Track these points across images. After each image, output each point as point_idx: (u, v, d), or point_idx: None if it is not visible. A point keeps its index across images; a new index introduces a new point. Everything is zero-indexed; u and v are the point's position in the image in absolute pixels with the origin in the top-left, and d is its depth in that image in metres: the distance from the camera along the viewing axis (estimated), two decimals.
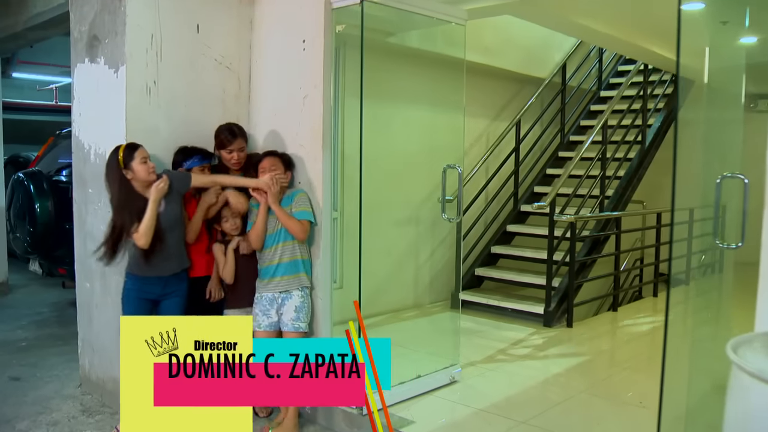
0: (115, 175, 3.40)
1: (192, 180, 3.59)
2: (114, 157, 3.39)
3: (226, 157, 3.80)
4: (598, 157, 6.79)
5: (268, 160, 3.72)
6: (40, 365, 4.91)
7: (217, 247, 3.78)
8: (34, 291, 7.57)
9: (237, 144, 3.79)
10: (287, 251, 3.71)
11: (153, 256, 3.42)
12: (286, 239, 3.69)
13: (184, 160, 3.73)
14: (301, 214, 3.69)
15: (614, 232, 6.69)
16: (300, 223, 3.67)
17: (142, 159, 3.40)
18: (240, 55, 4.16)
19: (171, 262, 3.53)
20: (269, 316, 3.72)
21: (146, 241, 3.34)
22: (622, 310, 6.72)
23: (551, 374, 4.64)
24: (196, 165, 3.74)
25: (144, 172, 3.38)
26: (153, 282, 3.51)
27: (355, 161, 3.99)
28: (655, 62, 7.24)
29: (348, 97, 4.83)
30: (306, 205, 3.73)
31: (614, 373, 4.68)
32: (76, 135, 4.21)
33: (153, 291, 3.52)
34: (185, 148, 3.78)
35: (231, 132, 3.80)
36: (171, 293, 3.57)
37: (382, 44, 5.50)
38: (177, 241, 3.55)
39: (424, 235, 6.56)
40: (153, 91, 3.77)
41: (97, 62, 3.91)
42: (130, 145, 3.43)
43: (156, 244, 3.39)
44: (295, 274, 3.73)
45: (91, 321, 4.19)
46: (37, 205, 5.81)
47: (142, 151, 3.42)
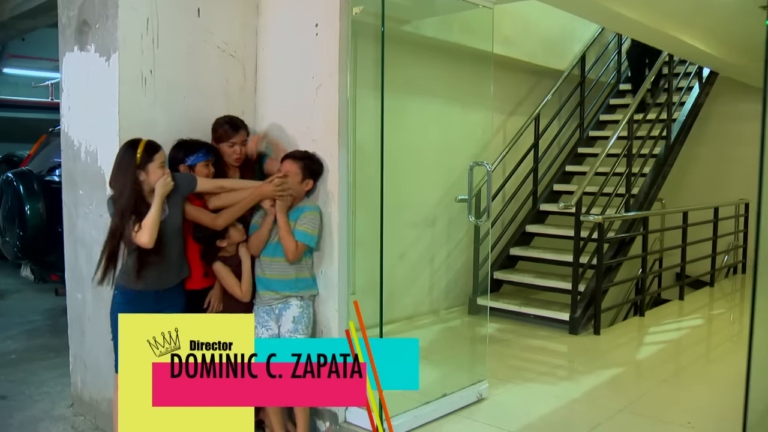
0: (126, 174, 2.97)
1: (198, 184, 3.20)
2: (130, 154, 2.97)
3: (227, 151, 3.43)
4: (624, 153, 6.40)
5: (289, 164, 3.36)
6: (29, 381, 4.54)
7: (220, 266, 3.38)
8: (27, 297, 7.19)
9: (240, 136, 3.43)
10: (285, 267, 3.35)
11: (149, 268, 3.03)
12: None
13: (187, 155, 3.32)
14: (300, 234, 3.32)
15: (641, 232, 6.31)
16: (295, 244, 3.29)
17: (161, 164, 3.01)
18: (245, 41, 3.78)
19: (169, 275, 3.15)
20: (269, 327, 3.38)
21: (150, 239, 2.92)
22: (649, 315, 6.33)
23: (585, 389, 4.25)
24: (201, 160, 3.33)
25: (157, 179, 2.99)
26: (146, 296, 3.11)
27: (368, 158, 3.67)
28: (684, 53, 6.83)
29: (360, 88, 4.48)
30: (309, 226, 3.35)
31: (652, 387, 4.29)
32: (65, 131, 3.83)
33: (146, 306, 3.11)
34: (185, 142, 3.38)
35: (233, 124, 3.44)
36: (167, 308, 3.16)
37: (396, 33, 5.12)
38: (178, 252, 3.17)
39: (440, 237, 6.18)
40: (149, 81, 3.39)
41: (87, 50, 3.53)
42: (151, 144, 3.01)
43: (154, 253, 3.00)
44: (293, 292, 3.38)
45: (84, 335, 3.82)
46: (27, 207, 5.44)
47: (163, 155, 3.04)
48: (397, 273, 5.74)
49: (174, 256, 3.13)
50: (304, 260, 3.43)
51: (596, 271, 5.61)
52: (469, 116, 6.10)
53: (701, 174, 8.82)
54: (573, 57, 7.49)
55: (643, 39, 6.26)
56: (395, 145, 5.30)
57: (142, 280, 3.04)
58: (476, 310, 6.10)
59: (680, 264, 7.07)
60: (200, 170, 3.32)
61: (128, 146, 3.01)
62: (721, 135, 8.73)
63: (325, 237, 3.48)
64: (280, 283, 3.35)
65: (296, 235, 3.30)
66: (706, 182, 8.77)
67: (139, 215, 2.94)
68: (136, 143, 3.00)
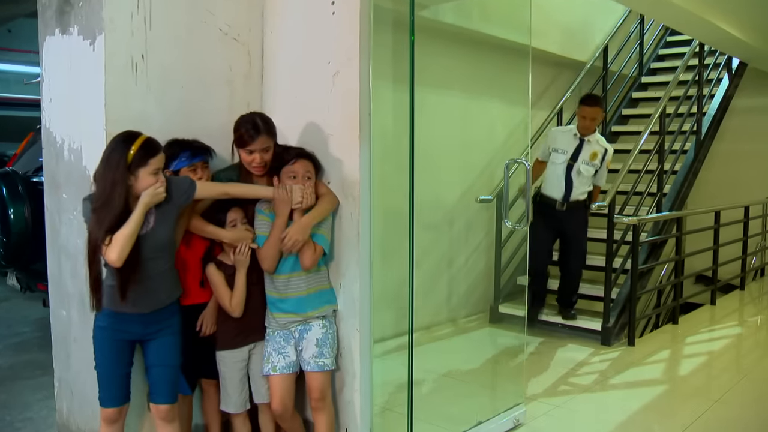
0: (112, 172, 2.45)
1: (198, 190, 2.69)
2: (121, 150, 2.47)
3: (245, 159, 2.91)
4: (656, 149, 5.95)
5: (302, 164, 2.88)
6: (12, 404, 4.10)
7: (213, 270, 2.91)
8: (15, 306, 6.74)
9: (260, 143, 2.86)
10: (303, 281, 2.92)
11: (130, 288, 2.52)
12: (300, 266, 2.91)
13: (171, 159, 2.81)
14: (318, 237, 2.89)
15: (675, 234, 5.86)
16: (314, 248, 2.86)
17: (155, 170, 2.50)
18: (250, 23, 3.33)
19: (155, 296, 2.64)
20: (286, 355, 2.93)
21: (119, 257, 2.42)
22: (683, 322, 5.89)
23: (631, 412, 3.81)
24: (183, 165, 2.84)
25: (147, 187, 2.50)
26: (131, 320, 2.62)
27: (383, 155, 3.25)
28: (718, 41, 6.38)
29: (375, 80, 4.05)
30: (325, 229, 2.94)
31: (705, 408, 3.84)
32: (46, 126, 3.38)
33: (133, 329, 2.64)
34: (173, 143, 2.88)
35: (254, 126, 2.86)
36: (159, 331, 2.68)
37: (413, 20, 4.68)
38: (164, 270, 2.66)
39: (458, 241, 5.74)
40: (140, 68, 2.94)
41: (69, 33, 3.07)
42: (149, 143, 2.51)
43: (133, 272, 2.51)
44: (316, 309, 2.95)
45: (69, 358, 3.36)
46: (11, 211, 4.97)
47: (161, 159, 2.52)
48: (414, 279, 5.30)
49: (159, 275, 2.63)
50: (322, 269, 3.01)
51: (631, 276, 5.17)
52: (490, 110, 5.68)
53: (724, 171, 8.33)
54: (595, 48, 7.06)
55: (680, 26, 5.83)
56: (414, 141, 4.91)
57: (123, 302, 2.53)
58: (498, 319, 5.67)
59: (712, 267, 6.63)
60: (185, 176, 2.83)
61: (122, 140, 2.50)
62: (744, 130, 8.26)
63: (345, 246, 3.04)
64: (300, 301, 2.92)
65: (314, 239, 2.88)
66: (729, 180, 8.29)
67: (118, 224, 2.45)
68: (133, 138, 2.49)
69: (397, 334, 4.68)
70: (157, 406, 2.75)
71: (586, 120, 5.04)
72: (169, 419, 2.78)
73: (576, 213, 5.12)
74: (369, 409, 3.09)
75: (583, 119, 5.04)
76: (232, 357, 2.97)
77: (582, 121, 5.06)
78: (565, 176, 5.06)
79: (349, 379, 3.06)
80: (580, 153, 5.07)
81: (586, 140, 5.09)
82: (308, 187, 2.84)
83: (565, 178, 5.06)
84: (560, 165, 5.09)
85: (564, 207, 5.08)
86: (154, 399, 2.76)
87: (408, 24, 3.11)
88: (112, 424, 2.74)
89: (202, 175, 2.89)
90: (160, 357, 2.70)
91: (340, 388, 3.11)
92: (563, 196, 5.07)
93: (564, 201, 5.08)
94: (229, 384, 2.97)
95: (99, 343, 2.66)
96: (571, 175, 5.06)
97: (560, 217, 5.11)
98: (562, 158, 5.08)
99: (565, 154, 5.09)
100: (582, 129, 5.08)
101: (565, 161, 5.07)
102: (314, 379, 2.92)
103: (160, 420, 2.78)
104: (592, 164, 5.06)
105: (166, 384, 2.75)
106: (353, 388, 3.05)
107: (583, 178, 5.07)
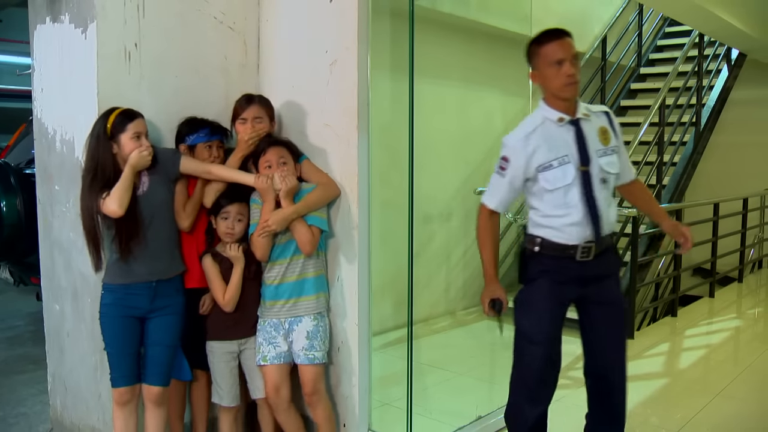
0: (95, 144, 2.59)
1: (181, 164, 2.75)
2: (102, 122, 2.60)
3: (239, 129, 2.93)
4: (655, 141, 5.91)
5: (274, 152, 2.83)
6: (5, 400, 4.04)
7: (208, 261, 2.86)
8: (9, 299, 6.67)
9: (252, 111, 2.91)
10: (299, 267, 2.86)
11: (133, 253, 2.61)
12: (298, 252, 2.85)
13: (189, 133, 2.89)
14: (312, 219, 2.83)
15: None
16: (310, 231, 2.81)
17: (135, 134, 2.58)
18: (246, 11, 3.26)
19: (158, 262, 2.70)
20: (276, 345, 2.87)
21: (119, 206, 2.51)
22: (682, 315, 5.86)
23: (632, 405, 3.75)
24: (201, 141, 2.88)
25: (131, 151, 2.57)
26: (139, 291, 2.66)
27: (385, 146, 3.24)
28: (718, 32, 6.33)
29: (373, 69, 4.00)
30: (320, 209, 2.89)
31: (706, 402, 3.82)
32: (38, 117, 3.31)
33: (139, 304, 2.67)
34: (193, 119, 2.93)
35: (248, 97, 2.96)
36: (162, 308, 2.71)
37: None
38: (166, 236, 2.74)
39: (456, 232, 5.69)
40: (133, 57, 2.87)
41: (60, 21, 3.00)
42: (125, 112, 2.61)
43: (135, 227, 2.59)
44: (310, 295, 2.89)
45: (63, 353, 3.31)
46: (3, 204, 4.89)
47: (139, 124, 2.60)
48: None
49: (160, 240, 2.70)
50: (321, 253, 2.97)
51: (630, 268, 5.13)
52: (488, 102, 5.62)
53: (723, 163, 8.29)
54: (593, 38, 7.01)
55: (679, 16, 5.78)
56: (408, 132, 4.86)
57: (129, 270, 2.63)
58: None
59: (710, 259, 6.60)
60: (200, 152, 2.88)
61: (102, 115, 2.63)
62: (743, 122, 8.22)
63: (342, 238, 2.99)
64: (298, 285, 2.87)
65: (309, 222, 2.82)
66: (728, 172, 8.25)
67: (107, 179, 2.57)
68: (112, 110, 2.61)
69: (395, 326, 4.66)
70: (150, 387, 2.74)
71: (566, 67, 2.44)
72: (159, 402, 2.76)
73: (609, 262, 2.61)
74: (367, 404, 3.04)
75: (559, 68, 2.44)
76: (220, 348, 2.92)
77: (558, 79, 2.44)
78: (586, 198, 2.48)
79: (346, 374, 3.01)
80: (586, 144, 2.50)
81: (582, 117, 2.52)
82: (286, 171, 2.79)
83: (586, 201, 2.48)
84: (572, 185, 2.48)
85: (591, 255, 2.51)
86: (147, 380, 2.74)
87: (407, 13, 3.05)
88: (125, 405, 2.70)
89: (217, 154, 2.92)
90: (159, 336, 2.70)
91: (337, 382, 3.07)
92: (593, 235, 2.49)
93: (594, 242, 2.50)
94: (218, 375, 2.93)
95: (106, 321, 2.67)
96: (593, 193, 2.48)
97: (584, 275, 2.54)
98: (571, 171, 2.47)
99: (570, 161, 2.47)
100: (564, 92, 2.46)
101: (576, 173, 2.47)
102: (305, 372, 2.87)
103: (149, 402, 2.76)
104: (611, 150, 2.54)
105: (161, 365, 2.74)
106: (351, 382, 3.01)
107: (608, 188, 2.55)
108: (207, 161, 2.87)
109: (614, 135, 2.56)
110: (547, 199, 2.50)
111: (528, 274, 2.59)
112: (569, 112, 2.49)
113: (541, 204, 2.52)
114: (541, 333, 2.54)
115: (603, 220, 2.48)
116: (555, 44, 2.47)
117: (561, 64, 2.43)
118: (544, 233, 2.52)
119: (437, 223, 5.52)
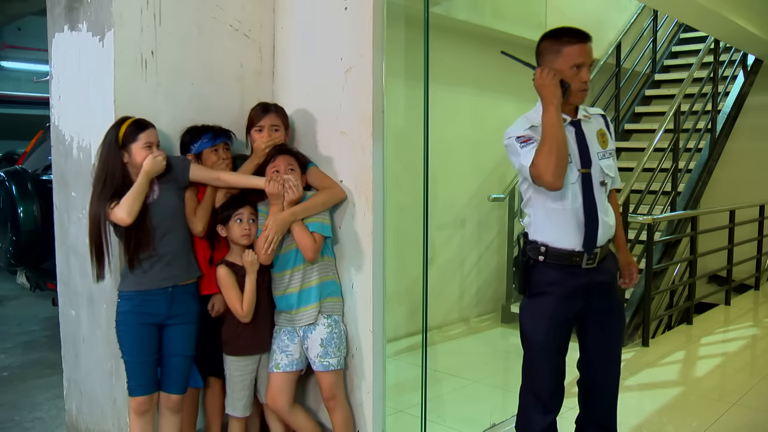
0: (106, 152, 2.61)
1: (191, 171, 2.77)
2: (114, 131, 2.61)
3: (255, 137, 2.95)
4: (670, 147, 5.87)
5: (283, 159, 2.84)
6: (21, 404, 4.08)
7: (224, 272, 2.83)
8: (25, 304, 6.74)
9: (269, 119, 2.94)
10: (309, 275, 2.86)
11: (145, 261, 2.64)
12: (301, 261, 2.85)
13: (192, 141, 2.91)
14: (313, 225, 2.82)
15: (690, 233, 5.79)
16: (312, 237, 2.79)
17: (146, 144, 2.59)
18: (261, 19, 3.28)
19: (173, 268, 2.70)
20: (289, 353, 2.88)
21: (128, 214, 2.52)
22: (698, 323, 5.82)
23: (646, 414, 3.76)
24: (206, 147, 2.90)
25: (142, 160, 2.59)
26: (156, 297, 2.68)
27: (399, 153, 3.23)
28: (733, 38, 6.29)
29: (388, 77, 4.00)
30: (322, 215, 2.88)
31: (722, 411, 3.78)
32: (55, 124, 3.35)
33: (157, 311, 2.68)
34: (194, 127, 2.94)
35: (264, 105, 2.99)
36: (179, 316, 2.73)
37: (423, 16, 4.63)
38: (179, 242, 2.74)
39: (470, 239, 5.69)
40: (150, 65, 2.90)
41: (78, 29, 3.03)
42: (138, 121, 2.63)
43: (144, 235, 2.61)
44: (316, 302, 2.87)
45: (78, 358, 3.33)
46: (21, 210, 4.94)
47: (151, 134, 2.62)
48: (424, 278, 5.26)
49: (173, 246, 2.71)
50: (327, 259, 2.94)
51: (645, 276, 5.09)
52: (502, 109, 5.61)
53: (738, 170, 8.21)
54: (608, 45, 6.99)
55: (694, 22, 5.75)
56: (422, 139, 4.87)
57: (145, 277, 2.65)
58: (510, 319, 5.62)
59: (726, 267, 6.55)
60: (207, 158, 2.89)
61: (114, 124, 2.65)
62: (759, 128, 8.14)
63: (357, 245, 2.99)
64: (310, 292, 2.87)
65: (309, 227, 2.82)
66: (744, 179, 8.17)
67: (116, 188, 2.59)
68: (124, 120, 2.63)
69: (408, 333, 4.66)
70: (169, 395, 2.76)
71: (584, 73, 2.42)
72: (177, 410, 2.80)
73: (608, 269, 2.56)
74: (381, 411, 3.04)
75: (577, 72, 2.40)
76: (236, 362, 2.92)
77: (573, 84, 2.40)
78: (587, 200, 2.44)
79: (360, 381, 3.01)
80: (588, 146, 2.47)
81: (582, 118, 2.51)
82: (294, 180, 2.78)
83: (587, 203, 2.44)
84: (573, 186, 2.44)
85: (594, 261, 2.47)
86: (166, 388, 2.76)
87: (422, 20, 3.06)
88: (143, 415, 2.71)
89: (225, 157, 2.94)
90: (178, 346, 2.73)
91: (351, 389, 3.06)
92: (594, 239, 2.44)
93: (596, 248, 2.46)
94: (232, 387, 2.92)
95: (124, 330, 2.68)
96: (593, 195, 2.45)
97: (588, 284, 2.48)
98: (574, 172, 2.43)
99: (572, 161, 2.43)
100: (576, 97, 2.45)
101: (577, 176, 2.44)
102: (322, 378, 2.89)
103: (167, 409, 2.79)
104: (609, 153, 2.54)
105: (180, 374, 2.77)
106: (365, 389, 3.00)
107: (606, 191, 2.53)
108: (216, 164, 2.88)
109: (611, 138, 2.56)
110: (547, 200, 2.45)
111: (531, 287, 2.50)
112: (570, 113, 2.47)
113: (542, 206, 2.47)
114: (549, 348, 2.52)
115: (603, 223, 2.44)
116: (580, 47, 2.41)
117: (580, 68, 2.38)
118: (547, 238, 2.45)
119: (451, 230, 5.52)
